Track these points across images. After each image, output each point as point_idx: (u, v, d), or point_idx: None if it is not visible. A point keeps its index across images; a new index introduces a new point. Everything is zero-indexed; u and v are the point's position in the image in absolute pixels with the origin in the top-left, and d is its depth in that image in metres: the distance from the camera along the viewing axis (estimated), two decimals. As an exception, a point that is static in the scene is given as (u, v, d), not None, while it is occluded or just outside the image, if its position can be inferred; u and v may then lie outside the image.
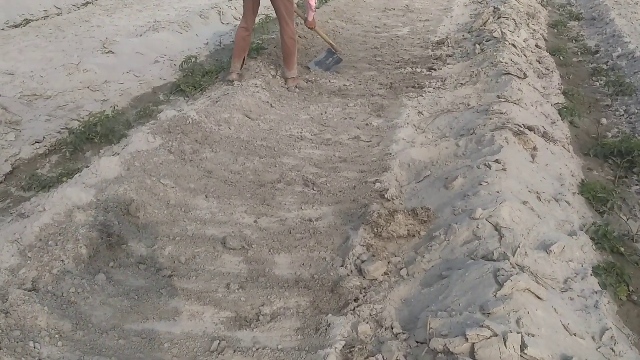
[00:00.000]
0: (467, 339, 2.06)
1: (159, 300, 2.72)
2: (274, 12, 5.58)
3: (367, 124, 4.77)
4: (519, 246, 2.64)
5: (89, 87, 5.53)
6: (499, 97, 4.63)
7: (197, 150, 4.12)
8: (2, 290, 2.63)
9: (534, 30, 7.61)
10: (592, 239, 3.14)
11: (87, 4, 9.68)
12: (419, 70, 6.11)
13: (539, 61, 6.21)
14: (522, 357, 2.00)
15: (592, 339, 2.33)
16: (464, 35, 7.39)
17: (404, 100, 5.19)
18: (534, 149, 3.83)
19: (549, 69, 5.98)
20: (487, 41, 6.49)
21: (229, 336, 2.52)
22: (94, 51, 6.46)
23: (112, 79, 5.79)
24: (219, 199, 3.61)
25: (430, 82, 5.60)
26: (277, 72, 5.81)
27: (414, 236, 3.04)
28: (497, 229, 2.79)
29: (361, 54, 6.89)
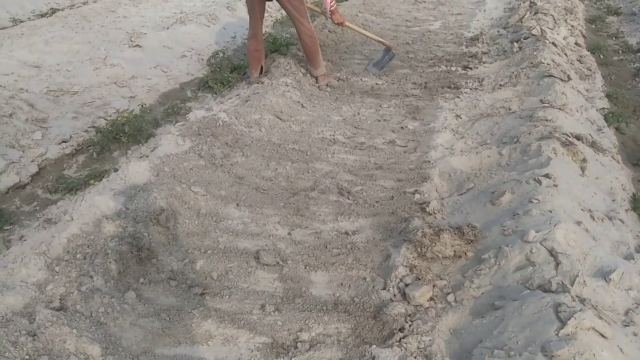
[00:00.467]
0: (529, 385, 1.90)
1: (191, 321, 2.58)
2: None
3: (402, 127, 4.57)
4: (577, 275, 2.44)
5: (116, 83, 5.41)
6: (542, 101, 4.40)
7: (228, 154, 3.97)
8: (30, 308, 2.52)
9: (572, 26, 7.30)
10: (650, 262, 2.94)
11: (112, -6, 9.57)
12: (453, 68, 5.88)
13: (579, 61, 5.93)
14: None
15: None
16: (499, 31, 7.11)
17: (440, 101, 4.98)
18: (584, 160, 3.61)
19: (590, 70, 5.70)
20: (525, 39, 6.22)
21: (266, 364, 2.38)
22: (121, 44, 6.34)
23: (140, 74, 5.67)
24: (251, 208, 3.46)
25: (466, 82, 5.37)
26: (307, 70, 5.62)
27: (460, 257, 2.86)
28: (552, 254, 2.60)
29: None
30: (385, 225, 3.26)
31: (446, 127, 4.40)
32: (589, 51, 6.46)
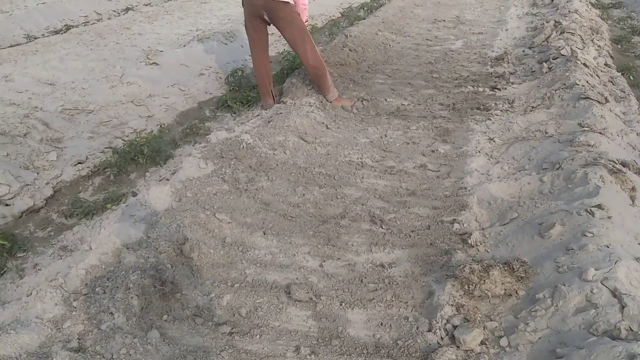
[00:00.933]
0: None
1: (220, 366, 2.36)
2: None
3: (433, 151, 4.36)
4: (647, 319, 2.21)
5: (132, 102, 5.25)
6: (581, 125, 4.18)
7: (253, 178, 3.77)
8: (45, 347, 2.31)
9: (599, 46, 7.10)
10: None
11: (127, 11, 9.51)
12: (481, 89, 5.68)
13: (612, 82, 5.73)
14: None
15: None
16: (524, 50, 6.92)
17: (471, 124, 4.77)
18: (633, 189, 3.38)
19: (624, 92, 5.48)
20: (554, 59, 6.02)
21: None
22: (137, 62, 6.20)
23: (157, 93, 5.50)
24: (279, 237, 3.25)
25: (496, 104, 5.16)
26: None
27: (511, 295, 2.63)
28: (615, 295, 2.36)
29: (415, 69, 6.48)
30: (424, 257, 3.03)
31: (480, 151, 4.19)
32: (618, 72, 6.26)
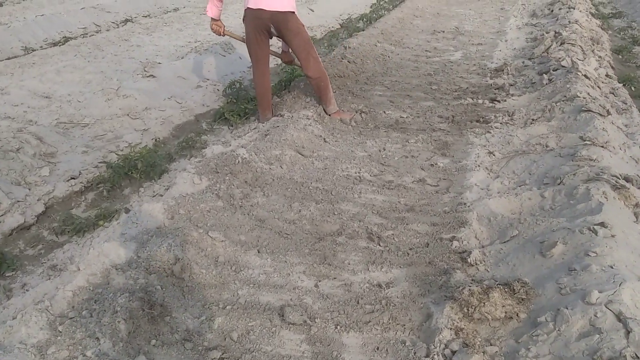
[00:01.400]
0: None
1: (210, 393, 2.27)
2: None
3: (431, 165, 4.29)
4: (654, 346, 2.13)
5: (128, 115, 5.19)
6: (582, 138, 4.10)
7: (248, 194, 3.70)
8: (28, 376, 2.23)
9: (600, 57, 7.03)
10: None
11: (126, 22, 9.48)
12: (480, 101, 5.61)
13: (613, 94, 5.65)
14: None
15: None
16: (524, 62, 6.86)
17: (470, 137, 4.70)
18: (637, 205, 3.30)
19: (626, 103, 5.41)
20: (554, 70, 5.96)
21: None
22: (134, 74, 6.15)
23: (153, 106, 5.44)
24: (273, 255, 3.17)
25: (496, 116, 5.09)
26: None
27: (512, 318, 2.54)
28: (620, 320, 2.27)
29: (414, 81, 6.43)
30: (422, 277, 2.95)
31: (479, 165, 4.11)
32: (620, 83, 6.19)
